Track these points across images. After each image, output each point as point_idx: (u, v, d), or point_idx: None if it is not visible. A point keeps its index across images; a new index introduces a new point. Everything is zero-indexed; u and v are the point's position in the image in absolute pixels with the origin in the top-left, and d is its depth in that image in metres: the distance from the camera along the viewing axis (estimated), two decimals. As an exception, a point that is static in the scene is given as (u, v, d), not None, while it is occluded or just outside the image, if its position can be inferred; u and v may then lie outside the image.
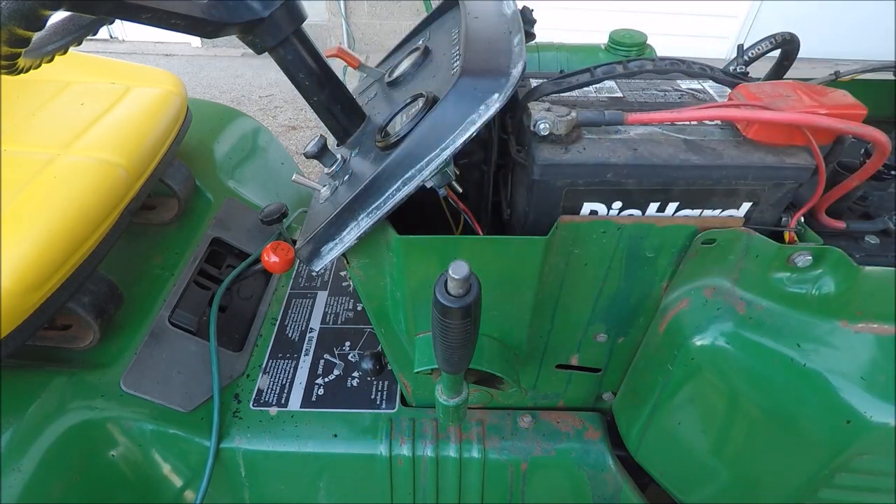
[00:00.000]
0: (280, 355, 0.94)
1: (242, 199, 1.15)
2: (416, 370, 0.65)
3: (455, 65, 0.52)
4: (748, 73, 0.71)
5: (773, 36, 0.72)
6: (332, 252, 0.55)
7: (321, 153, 0.56)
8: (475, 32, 0.53)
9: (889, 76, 0.77)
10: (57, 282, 0.72)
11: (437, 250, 0.57)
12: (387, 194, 0.50)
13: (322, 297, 1.05)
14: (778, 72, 0.75)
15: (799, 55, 0.73)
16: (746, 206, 0.55)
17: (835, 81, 0.74)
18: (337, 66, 0.63)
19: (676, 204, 0.55)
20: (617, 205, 0.56)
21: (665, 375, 0.65)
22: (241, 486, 0.85)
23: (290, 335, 0.98)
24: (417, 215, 0.60)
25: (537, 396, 0.83)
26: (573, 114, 0.54)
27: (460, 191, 0.55)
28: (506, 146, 0.63)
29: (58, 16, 0.50)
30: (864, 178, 0.55)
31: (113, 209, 0.81)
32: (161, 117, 0.94)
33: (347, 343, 0.96)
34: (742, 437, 0.62)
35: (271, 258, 0.90)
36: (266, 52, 0.55)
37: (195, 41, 3.66)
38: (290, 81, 0.58)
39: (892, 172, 0.62)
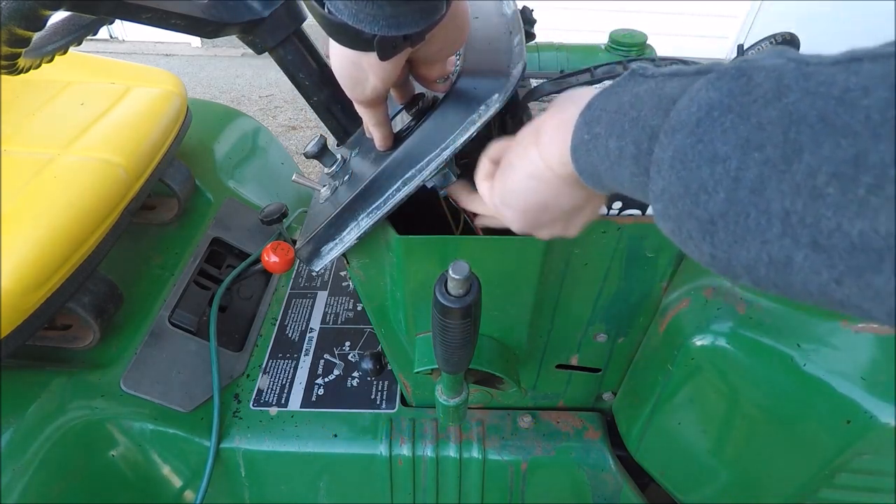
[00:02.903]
0: (280, 355, 0.94)
1: (242, 199, 1.15)
2: (416, 370, 0.65)
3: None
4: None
5: (774, 36, 0.72)
6: (332, 252, 0.55)
7: (321, 153, 0.56)
8: (475, 32, 0.53)
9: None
10: (57, 282, 0.72)
11: (437, 250, 0.57)
12: (387, 194, 0.50)
13: (322, 297, 1.05)
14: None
15: (799, 55, 0.73)
16: None
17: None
18: (337, 66, 0.63)
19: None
20: (617, 205, 0.56)
21: (665, 375, 0.65)
22: (241, 486, 0.85)
23: (290, 335, 0.98)
24: (417, 215, 0.60)
25: (537, 396, 0.83)
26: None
27: None
28: (506, 146, 0.62)
29: (58, 16, 0.50)
30: None
31: (113, 209, 0.81)
32: (161, 117, 0.94)
33: (347, 343, 0.96)
34: (742, 437, 0.62)
35: (271, 258, 0.90)
36: (266, 52, 0.55)
37: (195, 41, 3.66)
38: (290, 81, 0.58)
39: None
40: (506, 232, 0.54)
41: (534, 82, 0.65)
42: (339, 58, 0.40)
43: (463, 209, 0.57)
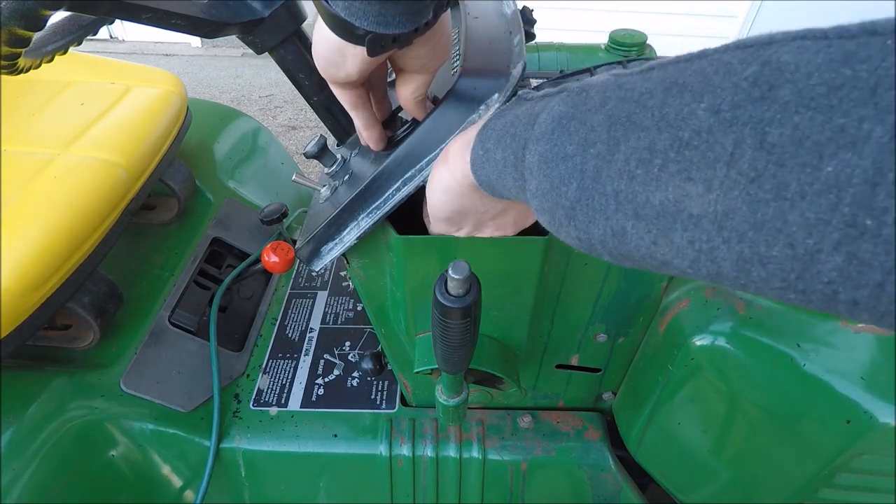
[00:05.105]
0: (280, 355, 0.94)
1: (242, 199, 1.15)
2: (416, 370, 0.65)
3: (455, 65, 0.52)
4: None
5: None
6: (332, 252, 0.55)
7: (321, 153, 0.56)
8: (475, 32, 0.53)
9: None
10: (57, 282, 0.72)
11: (437, 250, 0.57)
12: (387, 194, 0.50)
13: (322, 297, 1.05)
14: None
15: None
16: None
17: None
18: (337, 66, 0.63)
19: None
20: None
21: (665, 375, 0.65)
22: (241, 486, 0.85)
23: (290, 335, 0.98)
24: (417, 215, 0.60)
25: (537, 396, 0.83)
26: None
27: None
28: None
29: (58, 16, 0.50)
30: None
31: (113, 209, 0.81)
32: (161, 117, 0.94)
33: (347, 343, 0.96)
34: (742, 437, 0.62)
35: (271, 258, 0.90)
36: (266, 52, 0.55)
37: (195, 41, 3.66)
38: (290, 81, 0.58)
39: None
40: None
41: (534, 82, 0.65)
42: (323, 40, 0.43)
43: None
